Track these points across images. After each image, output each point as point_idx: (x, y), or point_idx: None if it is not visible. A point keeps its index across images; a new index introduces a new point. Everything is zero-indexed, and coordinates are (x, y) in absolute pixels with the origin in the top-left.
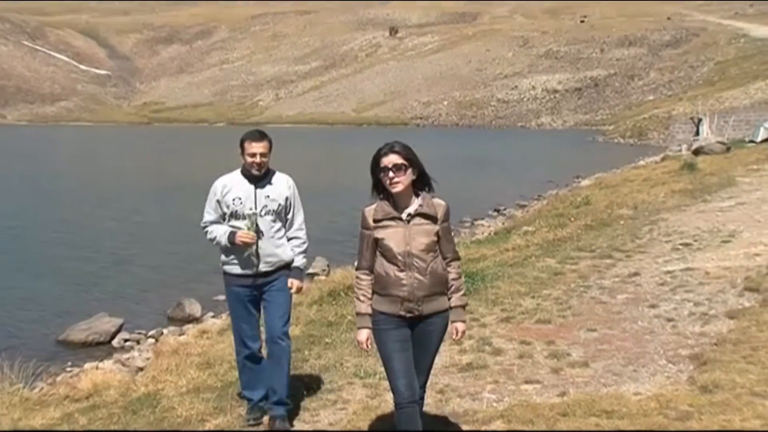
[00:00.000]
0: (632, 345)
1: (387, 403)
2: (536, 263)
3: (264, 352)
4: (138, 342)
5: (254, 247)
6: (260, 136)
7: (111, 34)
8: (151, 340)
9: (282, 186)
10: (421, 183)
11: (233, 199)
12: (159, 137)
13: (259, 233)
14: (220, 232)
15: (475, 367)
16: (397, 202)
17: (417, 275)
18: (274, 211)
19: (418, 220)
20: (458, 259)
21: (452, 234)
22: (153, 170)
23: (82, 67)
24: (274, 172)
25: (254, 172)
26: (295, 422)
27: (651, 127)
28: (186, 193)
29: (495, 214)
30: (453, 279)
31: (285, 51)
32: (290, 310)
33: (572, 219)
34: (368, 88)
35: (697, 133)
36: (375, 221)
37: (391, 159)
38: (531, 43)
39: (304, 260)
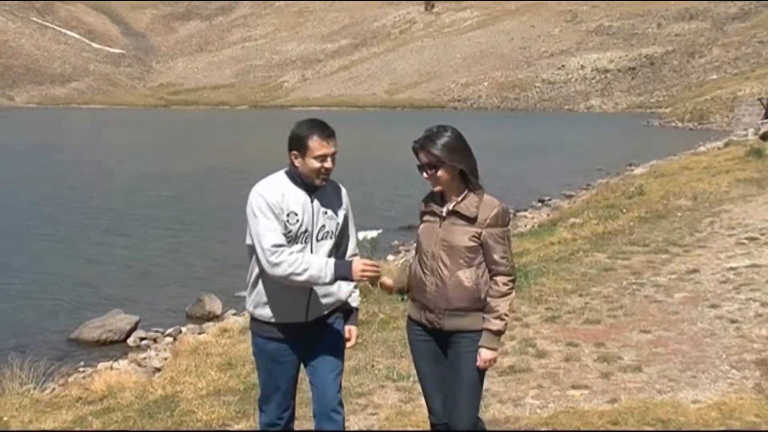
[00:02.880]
0: (691, 348)
1: (422, 408)
2: (584, 258)
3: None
4: (155, 341)
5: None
6: (331, 130)
7: (125, 10)
8: (169, 339)
9: (339, 197)
10: (465, 179)
11: (288, 215)
12: (177, 122)
13: None
14: (316, 264)
15: (517, 370)
16: (445, 195)
17: (439, 283)
18: (332, 233)
19: (453, 218)
20: (509, 274)
21: (508, 243)
22: (171, 158)
23: (94, 45)
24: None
25: (317, 182)
26: None
27: (713, 109)
28: (206, 182)
29: (539, 204)
30: (492, 296)
31: (312, 28)
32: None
33: (624, 210)
34: (402, 68)
35: (766, 116)
36: (421, 213)
37: (423, 157)
38: (580, 17)
39: (359, 297)
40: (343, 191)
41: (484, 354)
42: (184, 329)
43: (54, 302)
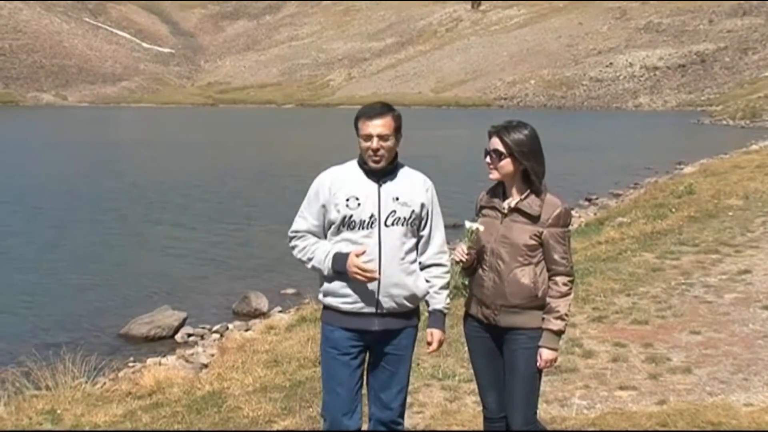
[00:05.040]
0: (742, 350)
1: (467, 407)
2: (632, 258)
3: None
4: (202, 337)
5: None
6: (380, 110)
7: (174, 10)
8: (216, 336)
9: (417, 187)
10: (528, 179)
11: (347, 200)
12: (225, 120)
13: (380, 252)
14: (319, 254)
15: (563, 370)
16: (505, 191)
17: (496, 279)
18: (405, 220)
19: (515, 215)
20: (568, 275)
21: (568, 244)
22: (221, 156)
23: (144, 45)
24: (403, 167)
25: (371, 163)
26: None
27: (767, 107)
28: (255, 180)
29: (586, 203)
30: (551, 297)
31: (358, 26)
32: (409, 376)
33: (673, 209)
34: (448, 67)
35: None
36: (480, 207)
37: (493, 142)
38: (629, 14)
39: (448, 299)
40: (426, 183)
41: (545, 354)
42: (230, 326)
43: (104, 298)
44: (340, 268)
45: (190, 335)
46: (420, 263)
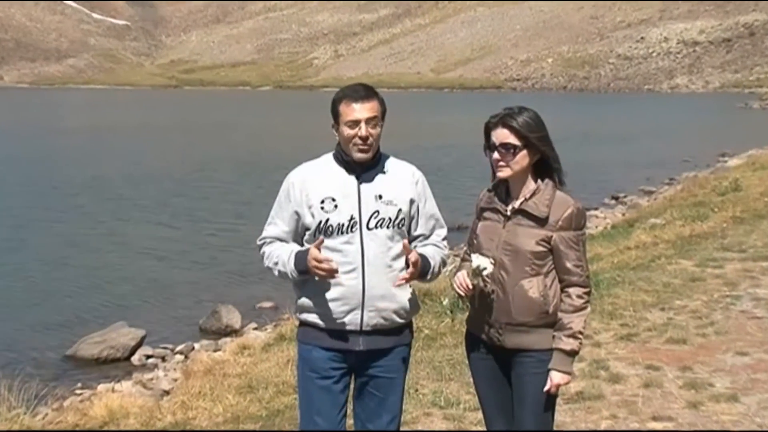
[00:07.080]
0: None
1: None
2: (667, 266)
3: None
4: (163, 359)
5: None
6: (366, 92)
7: None
8: (180, 357)
9: (403, 181)
10: (543, 171)
11: (322, 202)
12: (190, 105)
13: (363, 259)
14: (283, 255)
15: (587, 397)
16: (510, 190)
17: (500, 292)
18: (391, 221)
19: (519, 218)
20: (583, 286)
21: (582, 249)
22: (186, 146)
23: (94, 15)
24: (387, 158)
25: (357, 154)
26: None
27: None
28: (228, 173)
29: (613, 202)
30: (563, 311)
31: None
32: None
33: (716, 209)
34: (451, 43)
35: None
36: (481, 209)
37: (501, 135)
38: None
39: (438, 260)
40: (415, 176)
41: (556, 378)
42: (197, 345)
43: (48, 314)
44: (302, 267)
45: (149, 357)
46: (421, 244)
